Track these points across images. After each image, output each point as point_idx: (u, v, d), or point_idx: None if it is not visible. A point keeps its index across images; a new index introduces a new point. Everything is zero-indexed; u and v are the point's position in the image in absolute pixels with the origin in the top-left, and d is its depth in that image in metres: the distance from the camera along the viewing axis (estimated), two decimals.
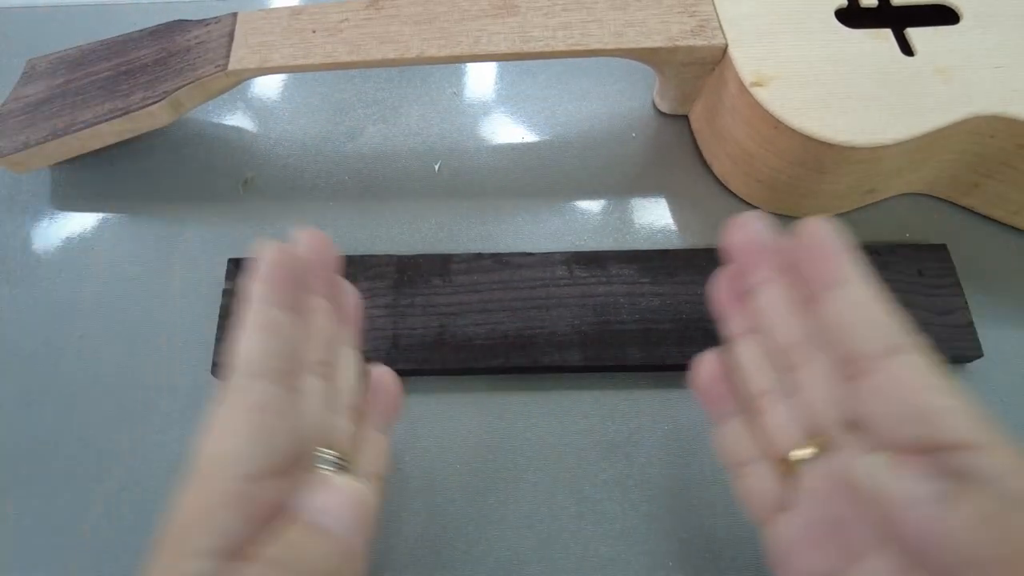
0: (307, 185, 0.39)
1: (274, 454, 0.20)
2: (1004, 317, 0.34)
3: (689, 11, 0.35)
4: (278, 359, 0.22)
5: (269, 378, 0.21)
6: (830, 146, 0.31)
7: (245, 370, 0.21)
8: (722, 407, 0.24)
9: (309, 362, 0.23)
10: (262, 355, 0.21)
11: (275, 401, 0.21)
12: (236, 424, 0.20)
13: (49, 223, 0.38)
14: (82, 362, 0.33)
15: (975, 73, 0.33)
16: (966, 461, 0.18)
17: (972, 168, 0.35)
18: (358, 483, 0.22)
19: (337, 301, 0.26)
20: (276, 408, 0.21)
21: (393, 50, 0.35)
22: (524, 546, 0.29)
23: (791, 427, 0.22)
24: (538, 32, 0.35)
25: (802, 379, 0.22)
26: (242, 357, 0.21)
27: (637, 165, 0.39)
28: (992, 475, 0.17)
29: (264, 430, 0.20)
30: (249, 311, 0.22)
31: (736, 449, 0.24)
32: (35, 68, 0.39)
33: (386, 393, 0.27)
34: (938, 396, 0.19)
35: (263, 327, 0.22)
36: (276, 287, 0.22)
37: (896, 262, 0.34)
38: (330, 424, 0.24)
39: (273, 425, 0.20)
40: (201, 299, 0.34)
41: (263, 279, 0.22)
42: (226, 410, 0.20)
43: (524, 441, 0.32)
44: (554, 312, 0.33)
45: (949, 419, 0.18)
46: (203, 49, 0.36)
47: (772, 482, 0.22)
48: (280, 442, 0.21)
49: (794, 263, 0.23)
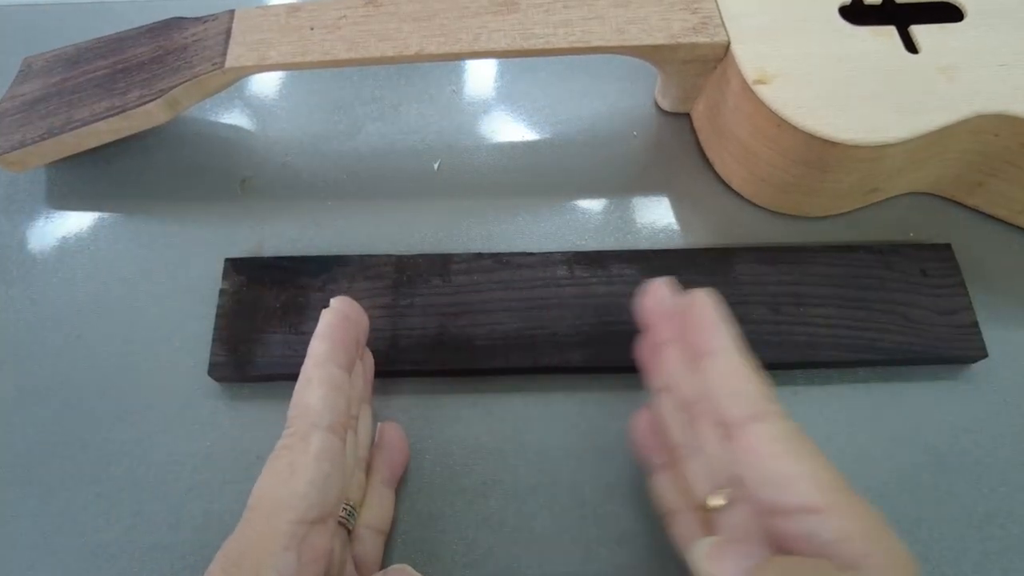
0: (305, 184, 0.38)
1: (328, 501, 0.22)
2: (1009, 317, 0.34)
3: (691, 8, 0.35)
4: (337, 414, 0.24)
5: (331, 430, 0.23)
6: (833, 144, 0.31)
7: (314, 420, 0.23)
8: (653, 458, 0.27)
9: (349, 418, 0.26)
10: (326, 409, 0.23)
11: (334, 452, 0.23)
12: (301, 469, 0.22)
13: (45, 222, 0.37)
14: (78, 362, 0.33)
15: (979, 71, 0.32)
16: (810, 525, 0.19)
17: (976, 167, 0.35)
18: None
19: (364, 361, 0.29)
20: (333, 458, 0.23)
21: (392, 47, 0.34)
22: (524, 549, 0.29)
23: (703, 477, 0.24)
24: (539, 29, 0.34)
25: (702, 433, 0.24)
26: (308, 409, 0.23)
27: (638, 164, 0.39)
28: (830, 539, 0.19)
29: (324, 477, 0.22)
30: (315, 366, 0.24)
31: (666, 497, 0.26)
32: (31, 66, 0.39)
33: (393, 448, 0.29)
34: (789, 462, 0.20)
35: (328, 383, 0.24)
36: (339, 347, 0.25)
37: (899, 262, 0.34)
38: (352, 478, 0.26)
39: (330, 473, 0.23)
40: (198, 299, 0.34)
41: (330, 338, 0.25)
42: (290, 455, 0.22)
43: (524, 443, 0.31)
44: (555, 312, 0.33)
45: (798, 484, 0.20)
46: (200, 47, 0.35)
47: (698, 528, 0.24)
48: (333, 491, 0.23)
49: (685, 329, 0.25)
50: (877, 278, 0.33)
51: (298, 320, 0.32)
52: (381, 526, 0.27)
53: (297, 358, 0.31)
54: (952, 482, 0.30)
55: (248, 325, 0.32)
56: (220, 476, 0.30)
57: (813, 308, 0.33)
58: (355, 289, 0.33)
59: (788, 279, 0.33)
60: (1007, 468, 0.31)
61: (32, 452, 0.31)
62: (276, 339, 0.32)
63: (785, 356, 0.32)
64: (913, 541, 0.29)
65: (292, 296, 0.33)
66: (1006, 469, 0.31)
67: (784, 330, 0.32)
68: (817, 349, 0.32)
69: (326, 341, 0.25)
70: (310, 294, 0.33)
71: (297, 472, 0.22)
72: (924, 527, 0.29)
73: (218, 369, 0.31)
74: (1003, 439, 0.31)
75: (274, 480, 0.22)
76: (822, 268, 0.34)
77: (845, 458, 0.31)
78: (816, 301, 0.33)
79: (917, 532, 0.29)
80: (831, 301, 0.33)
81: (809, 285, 0.33)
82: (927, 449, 0.31)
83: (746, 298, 0.33)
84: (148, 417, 0.32)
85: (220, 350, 0.32)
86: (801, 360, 0.32)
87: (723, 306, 0.24)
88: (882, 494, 0.30)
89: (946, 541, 0.29)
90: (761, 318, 0.32)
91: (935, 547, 0.29)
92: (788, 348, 0.32)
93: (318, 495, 0.22)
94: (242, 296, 0.33)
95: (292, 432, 0.23)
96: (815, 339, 0.32)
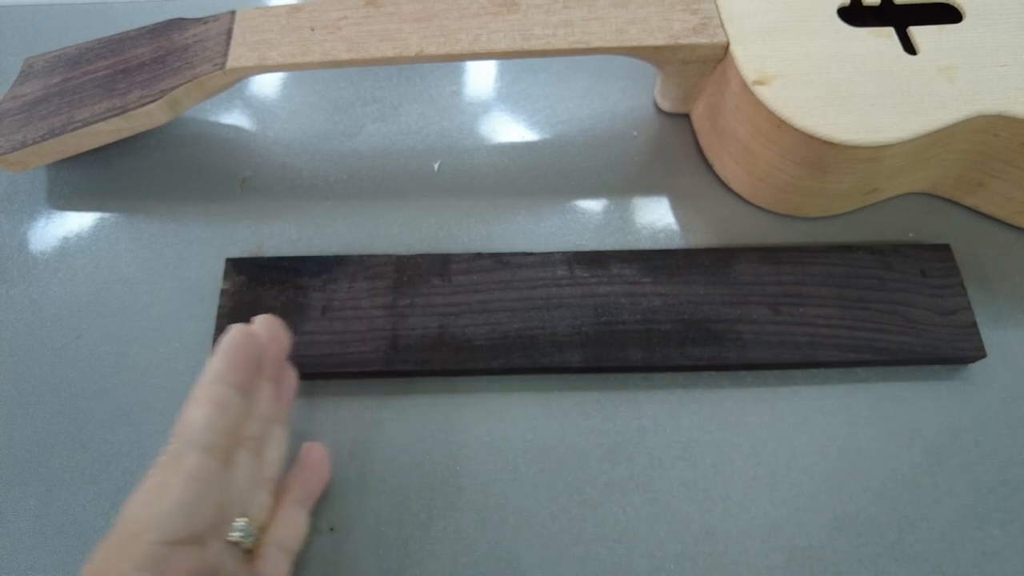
0: (305, 184, 0.38)
1: (196, 523, 0.22)
2: (1007, 317, 0.34)
3: (691, 9, 0.35)
4: (220, 435, 0.24)
5: (208, 452, 0.23)
6: (832, 145, 0.31)
7: (191, 439, 0.23)
8: None
9: (245, 438, 0.26)
10: (206, 429, 0.23)
11: (208, 473, 0.23)
12: (168, 489, 0.22)
13: (46, 223, 0.37)
14: (79, 362, 0.33)
15: (978, 72, 0.32)
16: None
17: (975, 167, 0.35)
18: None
19: (281, 382, 0.29)
20: (207, 480, 0.23)
21: (392, 48, 0.34)
22: (524, 548, 0.29)
23: None
24: (539, 30, 0.35)
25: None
26: (188, 426, 0.23)
27: (638, 164, 0.39)
28: None
29: (192, 499, 0.22)
30: (204, 384, 0.24)
31: None
32: (32, 67, 0.39)
33: (311, 469, 0.29)
34: None
35: (214, 402, 0.24)
36: (234, 368, 0.25)
37: (899, 262, 0.34)
38: (251, 497, 0.26)
39: (201, 495, 0.22)
40: (198, 299, 0.34)
41: (225, 358, 0.25)
42: (161, 474, 0.22)
43: (524, 443, 0.31)
44: (555, 312, 0.33)
45: None
46: (201, 47, 0.36)
47: None
48: (204, 512, 0.22)
49: None
50: (877, 278, 0.34)
51: (299, 320, 0.32)
52: (289, 545, 0.27)
53: (297, 358, 0.31)
54: (951, 481, 0.30)
55: None
56: None
57: (813, 308, 0.33)
58: (355, 289, 0.33)
59: (788, 279, 0.34)
60: (1006, 467, 0.31)
61: (32, 452, 0.31)
62: None
63: (785, 356, 0.32)
64: (912, 540, 0.29)
65: (293, 296, 0.33)
66: (1005, 468, 0.31)
67: (784, 330, 0.32)
68: (817, 349, 0.32)
69: (221, 359, 0.25)
70: (311, 294, 0.33)
71: (166, 492, 0.22)
72: (923, 526, 0.29)
73: None
74: (1001, 438, 0.31)
75: (143, 498, 0.22)
76: (822, 268, 0.34)
77: (844, 458, 0.31)
78: (816, 301, 0.33)
79: (916, 531, 0.29)
80: (831, 301, 0.33)
81: (809, 285, 0.33)
82: (926, 448, 0.31)
83: (746, 298, 0.33)
84: (148, 417, 0.32)
85: None
86: (801, 360, 0.32)
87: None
88: (881, 493, 0.30)
89: (945, 540, 0.29)
90: (761, 318, 0.32)
91: (934, 546, 0.29)
92: (788, 348, 0.32)
93: (185, 517, 0.22)
94: (243, 296, 0.33)
95: (168, 450, 0.23)
96: (815, 339, 0.32)
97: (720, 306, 0.33)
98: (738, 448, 0.31)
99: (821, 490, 0.30)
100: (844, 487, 0.30)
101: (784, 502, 0.30)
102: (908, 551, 0.29)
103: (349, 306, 0.33)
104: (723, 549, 0.29)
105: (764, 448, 0.31)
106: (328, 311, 0.33)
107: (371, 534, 0.29)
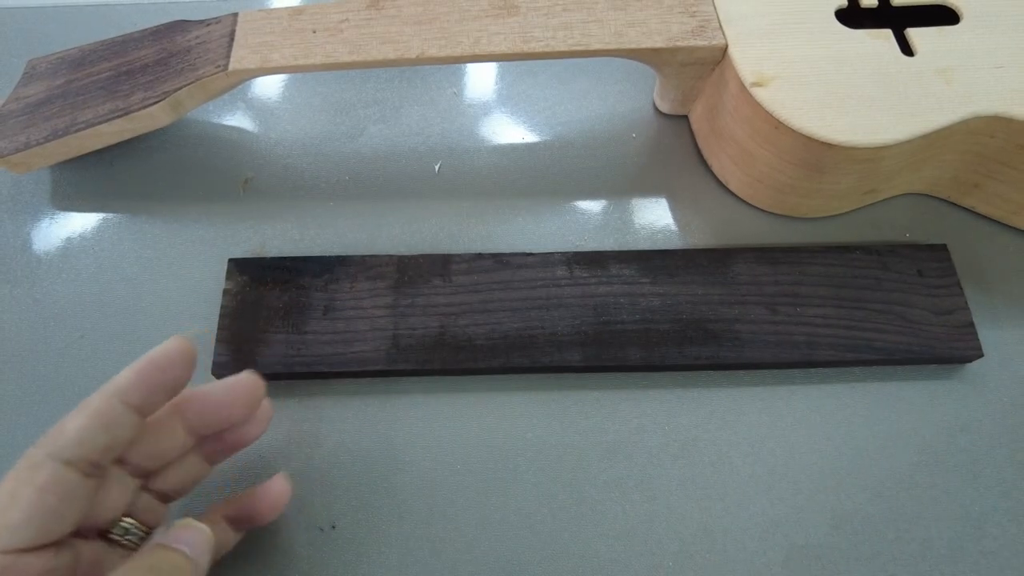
0: (307, 185, 0.39)
1: (49, 535, 0.21)
2: (1004, 317, 0.34)
3: (689, 11, 0.35)
4: (95, 452, 0.22)
5: (69, 466, 0.21)
6: (830, 146, 0.31)
7: (53, 450, 0.21)
8: None
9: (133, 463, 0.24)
10: (77, 441, 0.21)
11: (67, 487, 0.21)
12: (16, 501, 0.20)
13: (49, 223, 0.38)
14: (82, 362, 0.33)
15: (975, 73, 0.33)
16: None
17: (972, 168, 0.35)
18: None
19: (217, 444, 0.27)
20: (66, 493, 0.21)
21: (393, 50, 0.35)
22: (524, 547, 0.29)
23: None
24: (538, 32, 0.35)
25: None
26: (55, 436, 0.21)
27: (637, 165, 0.39)
28: None
29: (44, 512, 0.20)
30: (98, 394, 0.22)
31: None
32: (35, 68, 0.39)
33: (263, 499, 0.27)
34: None
35: (98, 415, 0.22)
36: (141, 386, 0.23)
37: (896, 262, 0.34)
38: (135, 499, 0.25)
39: (57, 509, 0.21)
40: (201, 299, 0.34)
41: (136, 373, 0.23)
42: (16, 484, 0.21)
43: (524, 442, 0.32)
44: (554, 312, 0.33)
45: None
46: (203, 49, 0.36)
47: None
48: (59, 526, 0.21)
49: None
50: (874, 278, 0.34)
51: (301, 320, 0.33)
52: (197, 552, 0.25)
53: (300, 358, 0.32)
54: (948, 481, 0.31)
55: (251, 325, 0.33)
56: (221, 475, 0.31)
57: (810, 308, 0.33)
58: (357, 289, 0.33)
59: (786, 279, 0.34)
60: (1003, 467, 0.31)
61: None
62: (279, 339, 0.32)
63: (783, 356, 0.32)
64: (910, 540, 0.29)
65: (295, 296, 0.33)
66: (1002, 468, 0.31)
67: (782, 330, 0.32)
68: (814, 349, 0.32)
69: (132, 373, 0.23)
70: (313, 294, 0.33)
71: (14, 503, 0.20)
72: (921, 526, 0.30)
73: (221, 368, 0.32)
74: (999, 438, 0.31)
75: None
76: (819, 268, 0.34)
77: (842, 457, 0.31)
78: (813, 301, 0.33)
79: (914, 531, 0.30)
80: (828, 301, 0.33)
81: (807, 285, 0.34)
82: (923, 448, 0.31)
83: (744, 298, 0.33)
84: None
85: (224, 350, 0.32)
86: (799, 359, 0.32)
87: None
88: (879, 493, 0.30)
89: (943, 540, 0.29)
90: (759, 318, 0.33)
91: (932, 546, 0.29)
92: (786, 348, 0.32)
93: (35, 529, 0.20)
94: (245, 296, 0.33)
95: (26, 455, 0.21)
96: (812, 339, 0.32)
97: (718, 306, 0.33)
98: (736, 447, 0.31)
99: (819, 489, 0.30)
100: (842, 486, 0.30)
101: (782, 500, 0.30)
102: (905, 550, 0.29)
103: (351, 306, 0.33)
104: (721, 547, 0.29)
105: (762, 447, 0.31)
106: (330, 311, 0.33)
107: (372, 532, 0.30)
